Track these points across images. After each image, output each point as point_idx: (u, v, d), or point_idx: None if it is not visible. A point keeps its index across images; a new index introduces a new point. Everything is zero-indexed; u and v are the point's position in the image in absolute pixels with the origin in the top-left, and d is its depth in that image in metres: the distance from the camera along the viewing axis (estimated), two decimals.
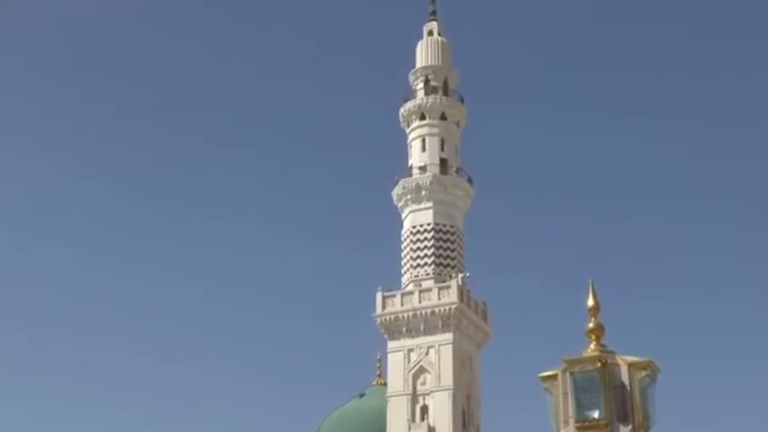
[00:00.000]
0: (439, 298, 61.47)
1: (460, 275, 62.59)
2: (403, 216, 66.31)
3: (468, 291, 63.28)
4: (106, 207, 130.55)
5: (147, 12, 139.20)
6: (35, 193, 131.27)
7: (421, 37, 71.22)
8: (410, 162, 67.23)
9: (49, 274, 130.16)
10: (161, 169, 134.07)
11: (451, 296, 61.19)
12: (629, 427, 13.05)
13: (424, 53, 70.19)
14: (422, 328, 61.33)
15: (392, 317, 61.98)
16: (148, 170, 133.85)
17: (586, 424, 13.10)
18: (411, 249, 64.43)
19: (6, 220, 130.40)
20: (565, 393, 13.41)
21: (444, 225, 64.69)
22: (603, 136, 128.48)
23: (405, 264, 64.72)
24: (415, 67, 70.03)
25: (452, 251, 64.23)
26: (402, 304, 62.11)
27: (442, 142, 67.13)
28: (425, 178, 65.26)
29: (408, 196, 65.41)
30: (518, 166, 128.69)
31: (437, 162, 66.25)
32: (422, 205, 65.10)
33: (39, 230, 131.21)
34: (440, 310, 61.02)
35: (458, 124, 68.29)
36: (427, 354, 61.04)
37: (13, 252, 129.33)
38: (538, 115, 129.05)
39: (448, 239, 64.39)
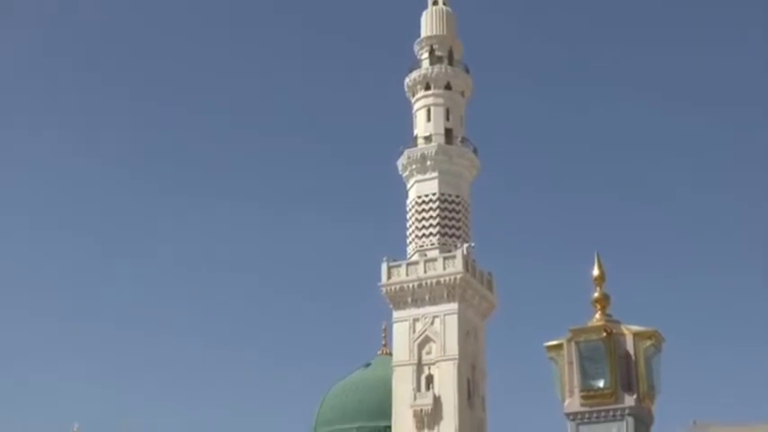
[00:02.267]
0: (444, 268, 61.52)
1: (465, 245, 62.61)
2: (408, 186, 66.24)
3: (474, 261, 63.32)
4: (112, 186, 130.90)
5: None
6: (40, 173, 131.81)
7: (425, 6, 70.88)
8: (415, 132, 67.08)
9: (52, 256, 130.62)
10: (166, 144, 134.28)
11: (456, 266, 61.23)
12: (634, 396, 13.08)
13: (429, 23, 69.86)
14: (427, 298, 61.42)
15: (397, 287, 62.07)
16: (151, 144, 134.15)
17: (591, 393, 13.14)
18: (416, 219, 64.41)
19: (17, 199, 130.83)
20: (570, 363, 13.44)
21: (449, 195, 64.62)
22: (608, 108, 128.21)
23: (410, 234, 64.73)
24: (419, 36, 69.75)
25: (457, 221, 64.22)
26: (407, 274, 62.17)
27: (447, 112, 66.97)
28: (430, 148, 65.12)
29: (413, 166, 65.31)
30: (524, 136, 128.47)
31: (442, 132, 66.12)
32: (427, 175, 65.00)
33: (45, 210, 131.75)
34: (445, 280, 61.08)
35: (463, 94, 68.09)
36: (432, 323, 61.16)
37: (25, 233, 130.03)
38: (542, 86, 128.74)
39: (453, 209, 64.36)
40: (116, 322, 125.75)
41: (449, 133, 66.27)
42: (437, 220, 63.82)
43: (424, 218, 64.13)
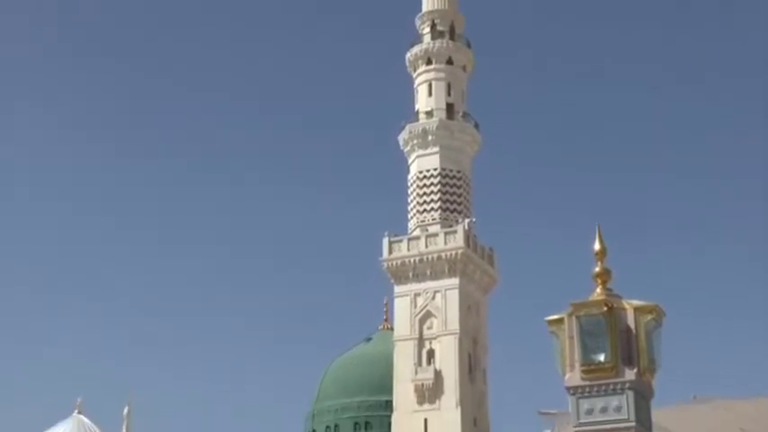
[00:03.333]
0: (445, 243, 61.51)
1: (467, 220, 62.58)
2: (409, 161, 66.15)
3: (475, 236, 63.32)
4: (112, 176, 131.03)
5: None
6: (39, 172, 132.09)
7: None
8: (417, 107, 66.91)
9: (58, 234, 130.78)
10: (171, 122, 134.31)
11: (458, 241, 61.23)
12: (635, 370, 13.11)
13: None
14: (428, 272, 61.44)
15: (399, 262, 62.10)
16: (151, 136, 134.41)
17: (592, 367, 13.15)
18: (417, 194, 64.35)
19: (18, 190, 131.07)
20: (571, 337, 13.45)
21: (451, 170, 64.53)
22: (609, 83, 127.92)
23: (411, 209, 64.71)
24: (421, 11, 69.45)
25: (459, 196, 64.16)
26: (408, 249, 62.17)
27: (449, 87, 66.77)
28: (432, 123, 64.99)
29: (415, 141, 65.20)
30: (525, 111, 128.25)
31: (443, 107, 65.97)
32: (428, 150, 64.89)
33: (49, 198, 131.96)
34: (446, 255, 61.08)
35: (464, 69, 67.85)
36: (434, 298, 61.21)
37: (27, 214, 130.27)
38: (544, 61, 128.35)
39: (454, 184, 64.29)
40: (120, 297, 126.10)
41: (450, 108, 66.12)
42: (438, 195, 63.75)
43: (425, 193, 64.07)
